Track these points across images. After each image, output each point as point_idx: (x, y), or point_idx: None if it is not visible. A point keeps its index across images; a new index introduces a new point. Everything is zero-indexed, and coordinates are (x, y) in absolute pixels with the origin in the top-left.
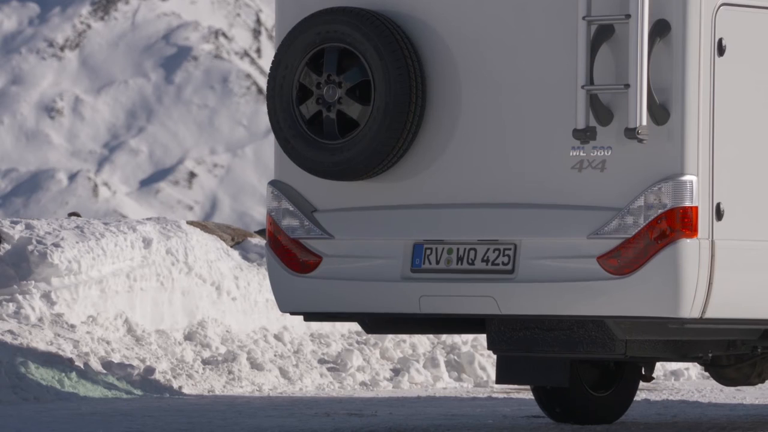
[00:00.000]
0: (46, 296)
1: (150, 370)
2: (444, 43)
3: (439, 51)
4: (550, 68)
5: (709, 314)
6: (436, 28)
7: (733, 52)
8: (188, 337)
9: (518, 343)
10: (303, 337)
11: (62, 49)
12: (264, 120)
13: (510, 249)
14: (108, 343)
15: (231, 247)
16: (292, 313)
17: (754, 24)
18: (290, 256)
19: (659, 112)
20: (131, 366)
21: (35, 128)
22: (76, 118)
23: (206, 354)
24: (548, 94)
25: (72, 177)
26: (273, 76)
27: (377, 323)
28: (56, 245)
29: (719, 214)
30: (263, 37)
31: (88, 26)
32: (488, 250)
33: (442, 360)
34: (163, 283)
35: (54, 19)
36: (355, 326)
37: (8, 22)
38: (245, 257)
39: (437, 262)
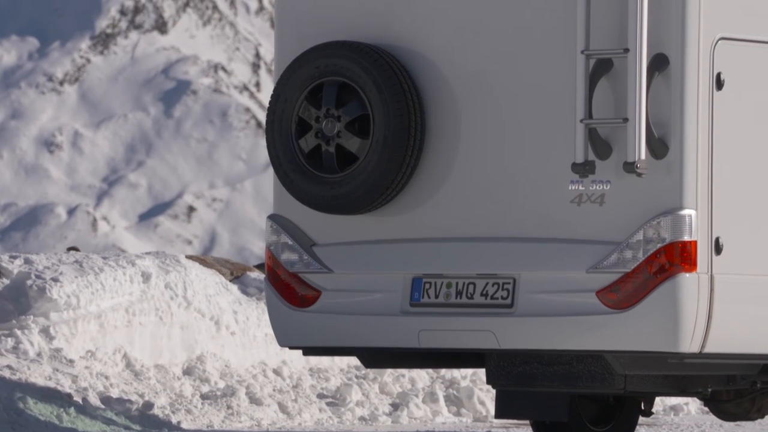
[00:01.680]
0: (44, 331)
1: (148, 405)
2: (443, 77)
3: (438, 84)
4: (549, 102)
5: (708, 349)
6: (435, 62)
7: (732, 86)
8: (187, 371)
9: (517, 378)
10: (302, 371)
11: (62, 83)
12: (263, 154)
13: (509, 283)
14: (106, 378)
15: (230, 281)
16: (291, 348)
17: (753, 58)
18: (289, 291)
19: (658, 146)
20: (130, 401)
21: (34, 162)
22: (76, 153)
23: (205, 389)
24: (547, 128)
25: (71, 211)
26: (272, 109)
27: (376, 357)
28: (55, 280)
29: (718, 248)
30: (262, 71)
31: (88, 60)
32: (487, 284)
33: (441, 395)
34: (161, 318)
35: (54, 53)
36: (354, 361)
37: (8, 56)
38: (244, 291)
39: (436, 296)
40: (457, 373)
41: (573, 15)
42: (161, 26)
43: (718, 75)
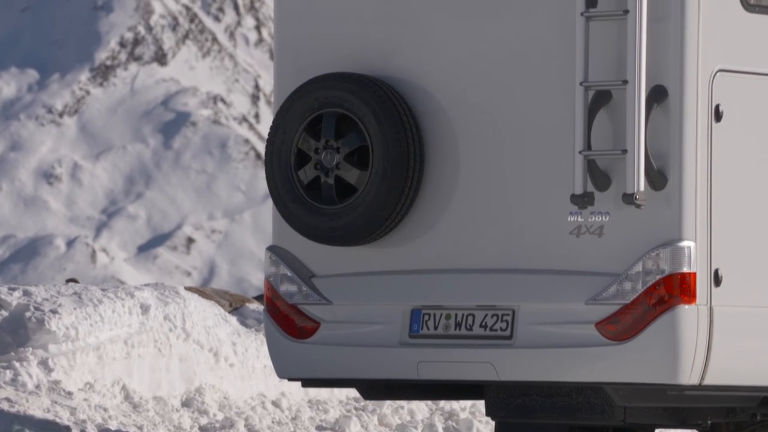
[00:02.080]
0: (43, 363)
1: None
2: (442, 108)
3: (437, 116)
4: (547, 133)
5: (708, 381)
6: (434, 94)
7: (731, 117)
8: (186, 403)
9: (517, 410)
10: (301, 403)
11: (61, 115)
12: (262, 185)
13: (508, 314)
14: (105, 410)
15: (229, 312)
16: (290, 379)
17: (752, 90)
18: (288, 322)
19: (657, 178)
20: None
21: (33, 194)
22: (75, 184)
23: (204, 421)
24: (546, 159)
25: (70, 243)
26: (271, 141)
27: (375, 389)
28: (54, 312)
29: (717, 280)
30: (262, 103)
31: (87, 92)
32: (486, 315)
33: (440, 426)
34: (160, 350)
35: (53, 85)
36: (353, 392)
37: (8, 88)
38: (243, 323)
39: (435, 328)
40: (456, 404)
41: (572, 47)
42: (161, 58)
43: (717, 107)
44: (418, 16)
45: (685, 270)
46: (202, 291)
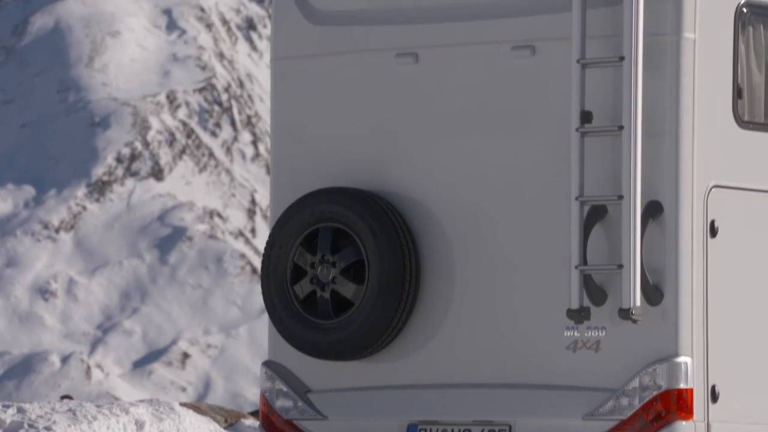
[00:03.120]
0: None
1: None
2: (438, 223)
3: (433, 230)
4: (544, 248)
5: None
6: (431, 208)
7: (726, 233)
8: None
9: None
10: None
11: (57, 231)
12: (258, 300)
13: (505, 430)
14: None
15: (224, 428)
16: None
17: (746, 206)
18: None
19: (653, 293)
20: None
21: (29, 310)
22: (70, 300)
23: None
24: (542, 274)
25: (65, 359)
26: (267, 255)
27: None
28: (48, 429)
29: (714, 396)
30: (258, 217)
31: (84, 208)
32: (483, 431)
33: None
34: None
35: (50, 201)
36: None
37: (4, 205)
38: None
39: None
40: None
41: (567, 162)
42: (157, 173)
43: (712, 222)
44: (412, 132)
45: (682, 386)
46: (198, 407)
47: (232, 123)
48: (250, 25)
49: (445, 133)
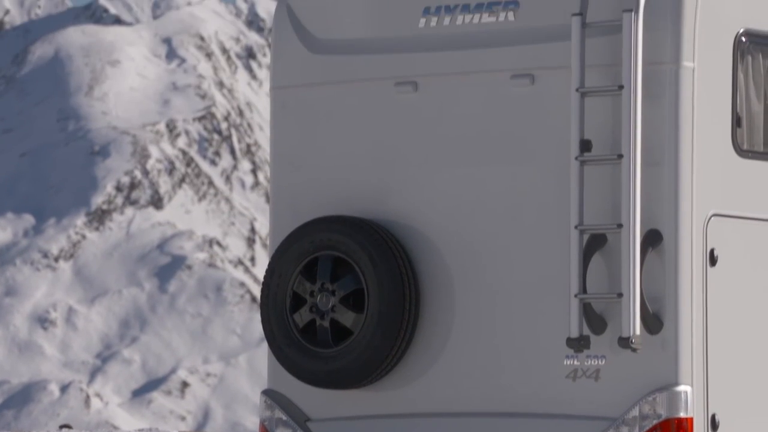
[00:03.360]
0: None
1: None
2: (437, 251)
3: (432, 259)
4: (543, 276)
5: None
6: (430, 236)
7: (725, 262)
8: None
9: None
10: None
11: (56, 259)
12: (258, 328)
13: None
14: None
15: None
16: None
17: (746, 234)
18: None
19: (652, 322)
20: None
21: (28, 339)
22: (69, 329)
23: None
24: (542, 303)
25: (64, 388)
26: (267, 284)
27: None
28: None
29: (714, 425)
30: (257, 246)
31: (83, 237)
32: None
33: None
34: None
35: (49, 230)
36: None
37: (3, 233)
38: None
39: None
40: None
41: (566, 190)
42: (157, 202)
43: (712, 251)
44: (411, 161)
45: (682, 415)
46: None
47: (232, 151)
48: (249, 53)
49: (445, 161)
